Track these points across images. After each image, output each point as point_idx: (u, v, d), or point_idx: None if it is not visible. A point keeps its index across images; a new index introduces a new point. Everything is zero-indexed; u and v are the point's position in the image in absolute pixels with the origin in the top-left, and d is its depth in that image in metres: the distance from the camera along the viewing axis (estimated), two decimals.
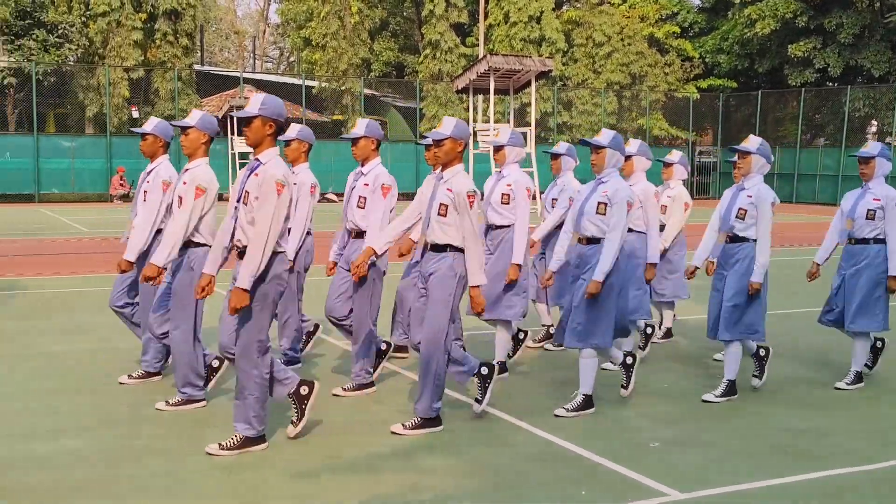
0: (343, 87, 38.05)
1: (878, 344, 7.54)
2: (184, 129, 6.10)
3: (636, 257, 7.40)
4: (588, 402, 6.31)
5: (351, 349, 6.82)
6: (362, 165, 6.72)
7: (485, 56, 22.30)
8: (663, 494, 4.77)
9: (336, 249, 6.89)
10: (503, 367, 7.07)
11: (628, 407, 6.46)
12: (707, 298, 6.92)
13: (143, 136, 6.65)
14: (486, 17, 38.24)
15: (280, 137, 6.20)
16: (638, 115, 40.52)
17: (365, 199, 6.59)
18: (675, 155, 8.49)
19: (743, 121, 42.37)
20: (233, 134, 31.38)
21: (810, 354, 8.36)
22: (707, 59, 41.29)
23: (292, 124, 7.22)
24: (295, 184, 6.97)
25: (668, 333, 8.91)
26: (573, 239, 6.41)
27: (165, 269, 6.09)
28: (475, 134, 24.01)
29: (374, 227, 6.44)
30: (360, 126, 6.73)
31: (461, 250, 5.69)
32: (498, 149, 7.22)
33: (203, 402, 6.30)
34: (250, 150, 5.35)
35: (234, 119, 31.44)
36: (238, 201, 5.28)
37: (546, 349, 8.35)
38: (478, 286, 5.70)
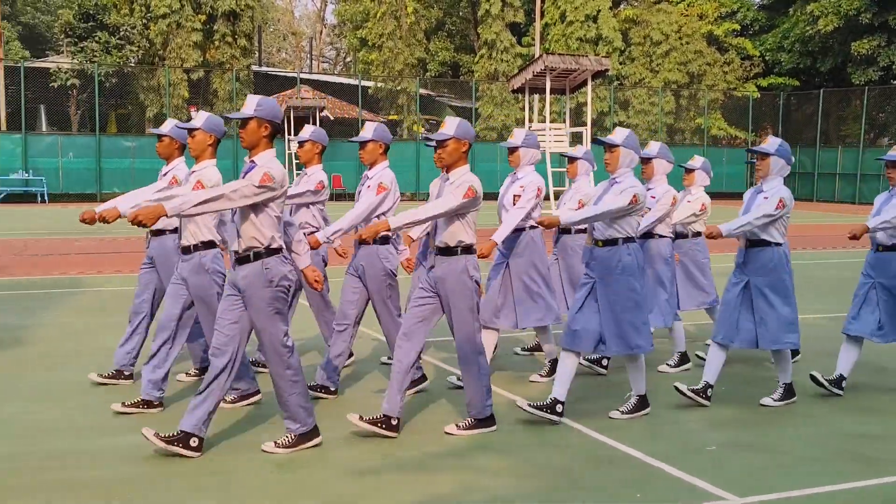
0: (399, 88, 38.20)
1: None
2: (190, 131, 6.02)
3: (660, 261, 7.32)
4: (643, 403, 6.25)
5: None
6: (370, 169, 6.55)
7: (541, 55, 22.20)
8: (720, 498, 4.70)
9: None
10: (553, 368, 7.02)
11: (685, 409, 6.38)
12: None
13: (160, 137, 6.59)
14: (542, 16, 38.12)
15: (293, 138, 6.09)
16: (696, 114, 40.06)
17: None
18: (697, 160, 8.22)
19: (804, 120, 41.68)
20: (289, 134, 31.67)
21: (867, 358, 8.18)
22: (767, 58, 40.66)
23: (306, 126, 7.27)
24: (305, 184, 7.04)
25: None
26: (587, 239, 6.25)
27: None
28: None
29: (350, 216, 6.30)
30: (368, 129, 6.58)
31: (471, 250, 5.62)
32: (512, 150, 6.98)
33: (258, 396, 6.35)
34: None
35: (291, 119, 31.76)
36: None
37: None
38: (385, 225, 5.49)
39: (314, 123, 31.32)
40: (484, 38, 39.42)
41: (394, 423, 5.64)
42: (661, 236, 7.45)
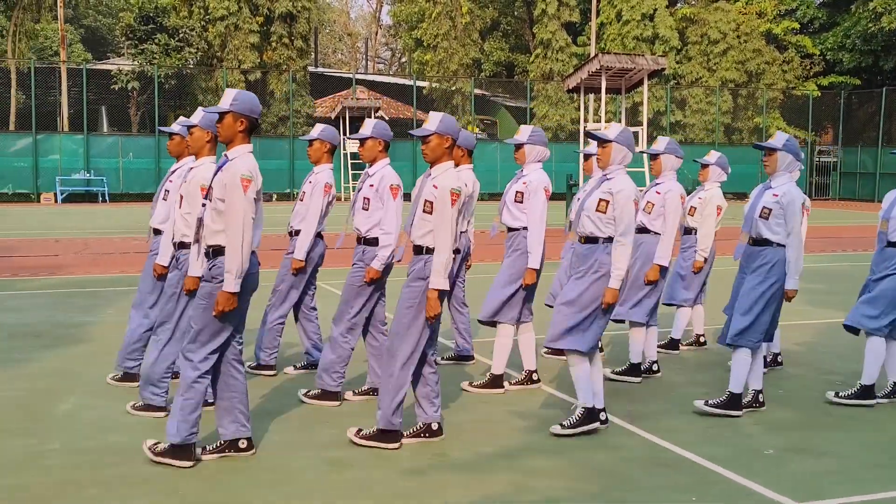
0: (454, 88, 38.25)
1: None
2: (189, 128, 5.82)
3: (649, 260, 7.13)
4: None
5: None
6: (370, 166, 6.36)
7: (596, 55, 22.07)
8: (777, 503, 4.63)
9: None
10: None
11: (742, 413, 6.30)
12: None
13: (171, 135, 6.55)
14: (597, 15, 37.88)
15: (302, 138, 5.97)
16: (754, 113, 39.52)
17: (369, 200, 6.22)
18: (712, 155, 8.07)
19: (866, 119, 40.91)
20: (345, 134, 31.89)
21: None
22: (828, 56, 39.92)
23: (316, 124, 7.26)
24: (310, 182, 6.95)
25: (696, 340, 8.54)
26: (572, 237, 6.06)
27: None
28: (586, 135, 23.64)
29: (392, 227, 6.13)
30: (368, 126, 6.39)
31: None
32: (518, 147, 6.81)
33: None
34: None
35: (347, 120, 31.96)
36: (205, 198, 5.16)
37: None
38: (435, 290, 5.29)
39: None
40: (539, 37, 39.32)
41: (434, 428, 5.62)
42: (656, 233, 7.20)
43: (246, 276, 5.03)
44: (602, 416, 5.82)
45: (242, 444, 5.26)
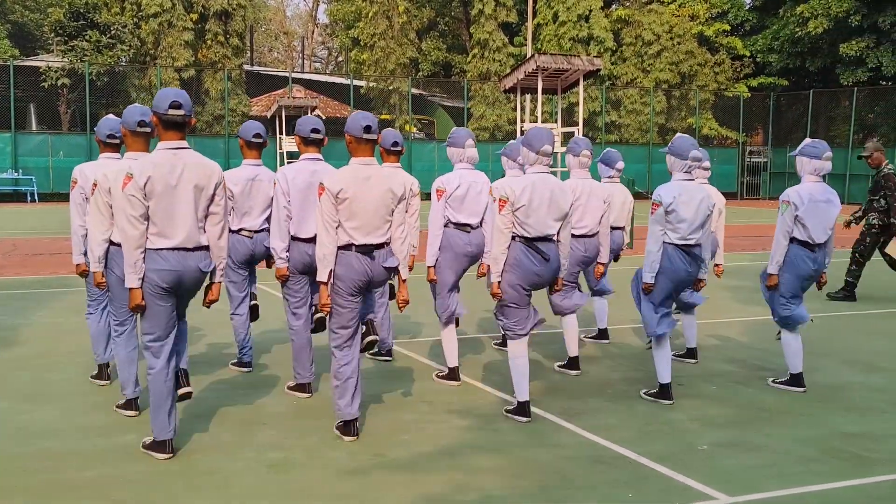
0: (391, 87, 38.19)
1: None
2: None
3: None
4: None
5: None
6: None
7: (533, 55, 22.19)
8: (711, 498, 4.72)
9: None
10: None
11: (677, 409, 6.40)
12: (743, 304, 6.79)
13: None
14: (534, 16, 38.15)
15: (286, 137, 5.96)
16: (687, 114, 40.16)
17: None
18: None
19: (794, 120, 41.83)
20: (281, 133, 31.64)
21: (860, 357, 8.22)
22: (758, 58, 40.75)
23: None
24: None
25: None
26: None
27: None
28: (522, 134, 23.83)
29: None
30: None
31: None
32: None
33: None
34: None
35: (283, 118, 31.72)
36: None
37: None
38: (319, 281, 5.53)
39: None
40: (476, 37, 39.45)
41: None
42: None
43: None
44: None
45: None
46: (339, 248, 5.45)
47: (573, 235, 6.85)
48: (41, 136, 31.77)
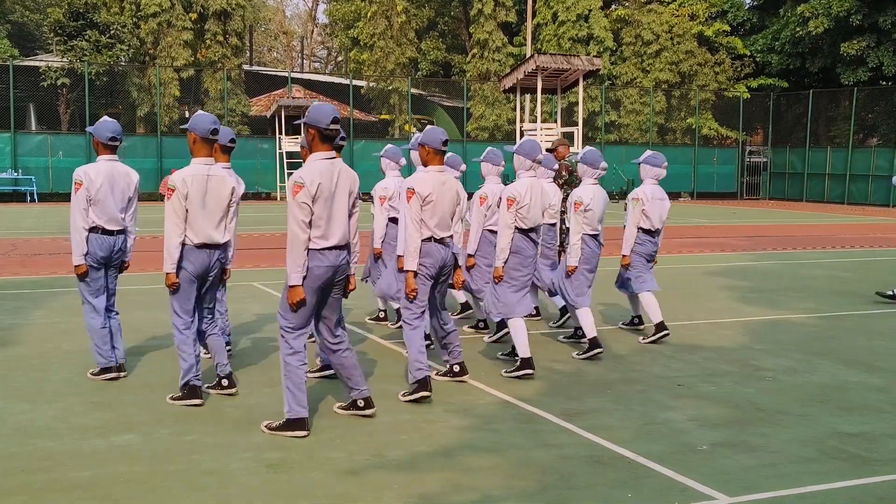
0: (390, 87, 38.20)
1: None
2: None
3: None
4: (524, 365, 7.14)
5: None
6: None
7: (532, 55, 22.22)
8: (711, 498, 4.71)
9: None
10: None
11: (676, 409, 6.40)
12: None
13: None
14: (534, 16, 38.16)
15: (285, 138, 6.07)
16: (687, 114, 40.16)
17: None
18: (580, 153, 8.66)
19: (794, 120, 41.83)
20: (281, 134, 31.64)
21: (859, 357, 8.21)
22: (758, 58, 40.72)
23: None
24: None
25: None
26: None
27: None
28: (521, 135, 23.92)
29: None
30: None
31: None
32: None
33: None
34: (297, 149, 5.39)
35: (283, 118, 31.72)
36: None
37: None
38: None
39: None
40: (476, 37, 39.46)
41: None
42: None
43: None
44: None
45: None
46: (423, 241, 6.49)
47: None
48: (41, 136, 31.76)
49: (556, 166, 9.34)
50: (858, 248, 18.61)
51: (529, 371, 7.11)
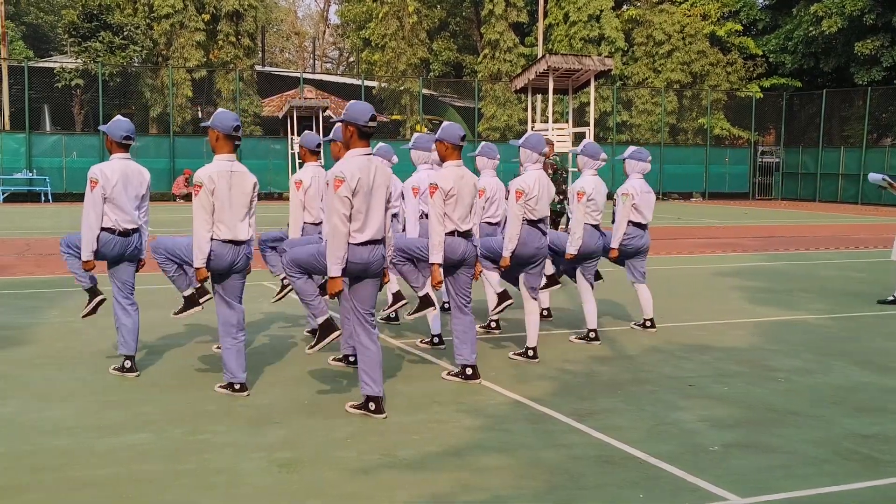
0: (402, 88, 38.22)
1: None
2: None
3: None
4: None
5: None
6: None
7: (544, 56, 22.19)
8: (723, 499, 4.70)
9: None
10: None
11: (687, 410, 6.38)
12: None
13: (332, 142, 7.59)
14: (545, 16, 38.13)
15: (297, 139, 6.19)
16: (699, 114, 40.05)
17: None
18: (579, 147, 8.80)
19: (807, 120, 41.68)
20: (293, 134, 31.70)
21: (873, 358, 8.18)
22: (770, 58, 40.57)
23: (305, 131, 8.27)
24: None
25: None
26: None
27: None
28: None
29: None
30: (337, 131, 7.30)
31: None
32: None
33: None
34: None
35: (295, 119, 31.78)
36: None
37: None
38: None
39: (317, 124, 31.33)
40: (487, 38, 39.44)
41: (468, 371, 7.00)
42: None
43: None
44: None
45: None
46: (446, 234, 6.71)
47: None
48: (55, 137, 31.91)
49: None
50: (872, 248, 18.52)
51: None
